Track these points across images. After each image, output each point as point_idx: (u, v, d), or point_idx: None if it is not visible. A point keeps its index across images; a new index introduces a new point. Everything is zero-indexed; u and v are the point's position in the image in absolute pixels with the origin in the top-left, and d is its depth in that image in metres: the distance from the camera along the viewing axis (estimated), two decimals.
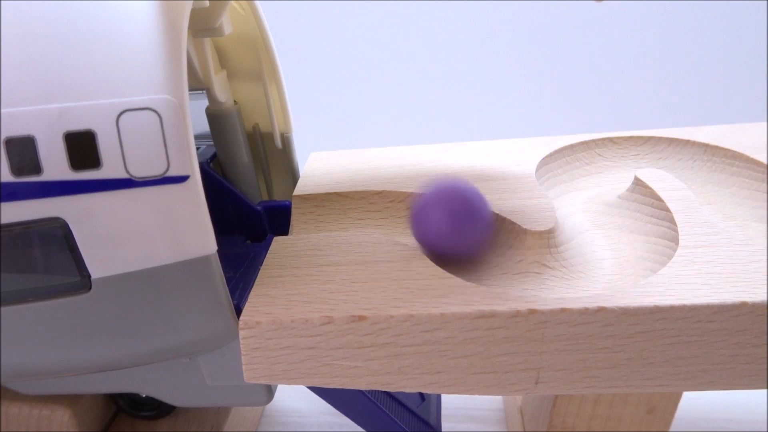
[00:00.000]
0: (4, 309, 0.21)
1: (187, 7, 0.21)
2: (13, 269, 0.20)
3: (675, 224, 0.25)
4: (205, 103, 0.31)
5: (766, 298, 0.20)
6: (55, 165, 0.19)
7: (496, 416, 0.37)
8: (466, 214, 0.24)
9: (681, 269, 0.22)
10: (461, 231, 0.24)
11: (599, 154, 0.34)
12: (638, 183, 0.28)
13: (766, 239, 0.26)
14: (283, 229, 0.31)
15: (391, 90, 0.62)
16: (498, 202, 0.28)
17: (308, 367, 0.22)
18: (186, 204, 0.20)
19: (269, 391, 0.26)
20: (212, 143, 0.33)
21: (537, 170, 0.31)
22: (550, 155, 0.33)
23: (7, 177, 0.19)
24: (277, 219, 0.32)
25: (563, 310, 0.21)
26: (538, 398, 0.31)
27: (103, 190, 0.19)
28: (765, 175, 0.29)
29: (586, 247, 0.27)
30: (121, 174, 0.19)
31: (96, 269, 0.20)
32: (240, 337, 0.22)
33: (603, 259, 0.26)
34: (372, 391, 0.27)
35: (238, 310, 0.22)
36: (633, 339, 0.21)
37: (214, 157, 0.33)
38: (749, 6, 0.54)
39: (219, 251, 0.21)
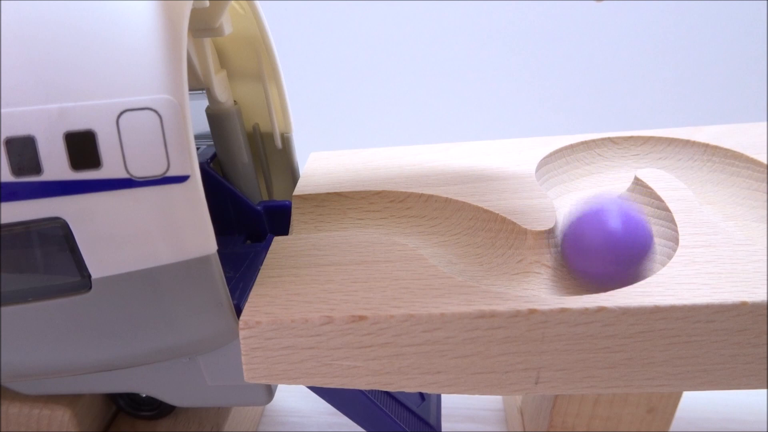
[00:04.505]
0: (4, 309, 0.21)
1: (187, 7, 0.21)
2: (13, 269, 0.20)
3: (675, 224, 0.25)
4: (205, 103, 0.31)
5: (766, 298, 0.20)
6: (56, 165, 0.19)
7: (496, 416, 0.37)
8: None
9: (681, 269, 0.22)
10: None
11: (599, 154, 0.34)
12: (638, 183, 0.28)
13: (766, 239, 0.26)
14: (283, 229, 0.31)
15: (391, 90, 0.62)
16: (498, 202, 0.28)
17: (308, 367, 0.22)
18: (186, 204, 0.20)
19: (269, 391, 0.26)
20: (212, 143, 0.33)
21: (537, 170, 0.31)
22: (550, 155, 0.33)
23: (7, 177, 0.19)
24: (277, 219, 0.32)
25: (563, 310, 0.21)
26: (538, 398, 0.31)
27: (104, 190, 0.19)
28: (765, 175, 0.29)
29: None
30: (121, 174, 0.19)
31: (96, 269, 0.20)
32: (240, 337, 0.22)
33: None
34: (372, 391, 0.27)
35: (238, 310, 0.22)
36: (633, 339, 0.21)
37: (214, 157, 0.33)
38: (749, 6, 0.54)
39: (219, 251, 0.21)
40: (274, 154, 0.34)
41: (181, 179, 0.19)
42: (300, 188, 0.31)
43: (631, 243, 0.22)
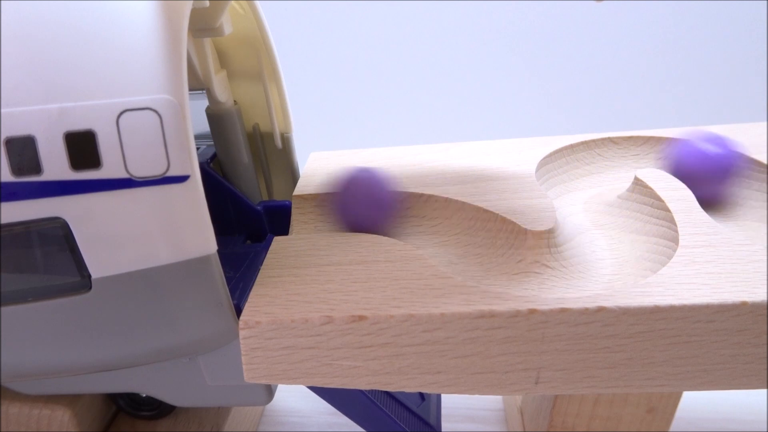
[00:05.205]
0: (4, 309, 0.21)
1: (187, 7, 0.21)
2: (13, 269, 0.20)
3: (675, 224, 0.25)
4: (205, 103, 0.31)
5: (766, 298, 0.20)
6: (56, 165, 0.19)
7: (496, 416, 0.37)
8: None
9: (681, 269, 0.22)
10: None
11: (599, 154, 0.34)
12: (638, 183, 0.28)
13: (766, 239, 0.26)
14: (283, 229, 0.31)
15: (390, 90, 0.62)
16: (498, 202, 0.28)
17: (308, 367, 0.22)
18: (186, 204, 0.20)
19: (269, 391, 0.26)
20: (212, 143, 0.33)
21: (537, 170, 0.31)
22: (550, 155, 0.33)
23: (7, 177, 0.19)
24: (277, 219, 0.32)
25: (563, 310, 0.21)
26: (538, 398, 0.31)
27: (104, 190, 0.19)
28: (765, 175, 0.29)
29: (586, 247, 0.27)
30: (121, 174, 0.19)
31: (96, 269, 0.20)
32: (240, 337, 0.22)
33: (603, 259, 0.26)
34: (372, 391, 0.27)
35: (238, 310, 0.22)
36: (633, 339, 0.21)
37: (214, 157, 0.33)
38: (749, 6, 0.54)
39: (219, 251, 0.21)
40: (274, 154, 0.34)
41: (181, 179, 0.19)
42: (300, 188, 0.31)
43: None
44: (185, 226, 0.20)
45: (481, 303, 0.21)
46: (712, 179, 0.28)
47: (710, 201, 0.28)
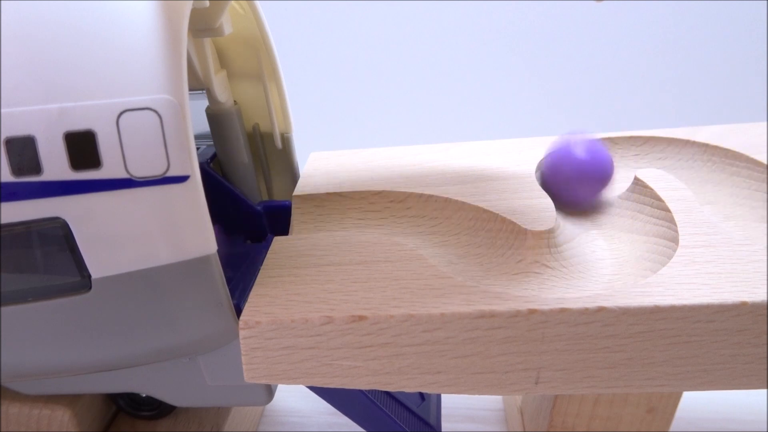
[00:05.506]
0: (4, 309, 0.21)
1: (187, 7, 0.21)
2: (13, 269, 0.20)
3: (675, 224, 0.25)
4: (205, 103, 0.31)
5: (766, 298, 0.20)
6: (56, 165, 0.19)
7: (496, 416, 0.37)
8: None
9: (681, 269, 0.22)
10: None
11: None
12: (638, 183, 0.28)
13: (766, 239, 0.26)
14: (283, 229, 0.31)
15: (390, 90, 0.62)
16: (498, 202, 0.28)
17: (308, 367, 0.22)
18: (186, 204, 0.20)
19: (269, 391, 0.26)
20: (212, 143, 0.33)
21: (537, 170, 0.31)
22: None
23: (7, 177, 0.19)
24: (277, 219, 0.32)
25: (563, 310, 0.21)
26: (538, 398, 0.31)
27: (104, 190, 0.19)
28: (765, 175, 0.29)
29: (586, 247, 0.27)
30: (121, 174, 0.19)
31: (96, 269, 0.20)
32: (240, 337, 0.22)
33: (603, 259, 0.26)
34: (372, 391, 0.27)
35: (238, 310, 0.22)
36: (633, 339, 0.21)
37: (214, 157, 0.33)
38: (749, 6, 0.54)
39: (219, 251, 0.21)
40: (274, 154, 0.34)
41: (181, 179, 0.19)
42: (300, 188, 0.31)
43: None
44: (185, 226, 0.20)
45: (481, 303, 0.21)
46: (584, 184, 0.29)
47: (581, 205, 0.29)
